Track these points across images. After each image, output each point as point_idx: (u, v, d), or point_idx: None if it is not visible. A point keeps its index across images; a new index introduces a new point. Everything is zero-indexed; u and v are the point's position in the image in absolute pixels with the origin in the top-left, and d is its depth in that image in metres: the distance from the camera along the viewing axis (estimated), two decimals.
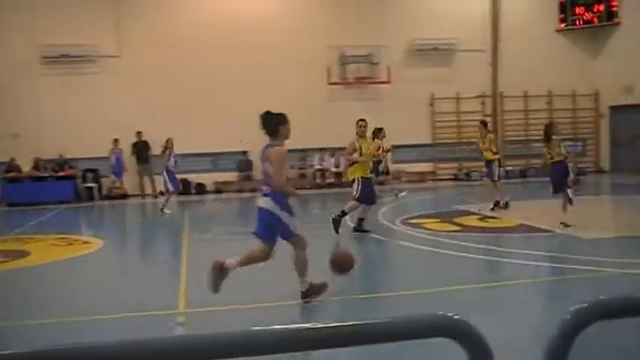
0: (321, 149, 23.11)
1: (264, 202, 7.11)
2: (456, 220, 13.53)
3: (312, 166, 23.12)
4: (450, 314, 1.83)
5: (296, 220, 7.19)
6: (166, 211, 17.09)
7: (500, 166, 15.65)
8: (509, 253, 10.28)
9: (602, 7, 24.44)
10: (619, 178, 23.23)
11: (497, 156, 15.43)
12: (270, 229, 7.09)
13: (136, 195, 21.92)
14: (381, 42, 22.71)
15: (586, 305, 1.90)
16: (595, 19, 24.74)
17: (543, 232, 11.80)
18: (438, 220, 13.84)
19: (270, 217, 7.03)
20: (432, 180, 23.07)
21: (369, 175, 12.25)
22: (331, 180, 23.02)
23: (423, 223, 13.45)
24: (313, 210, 17.07)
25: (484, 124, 16.05)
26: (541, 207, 15.43)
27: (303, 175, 23.12)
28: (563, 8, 25.03)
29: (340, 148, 23.07)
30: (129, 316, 7.09)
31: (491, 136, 15.63)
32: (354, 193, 11.96)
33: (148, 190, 21.99)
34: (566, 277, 8.58)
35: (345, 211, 12.11)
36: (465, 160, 24.02)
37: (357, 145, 11.94)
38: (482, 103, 24.26)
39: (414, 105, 23.36)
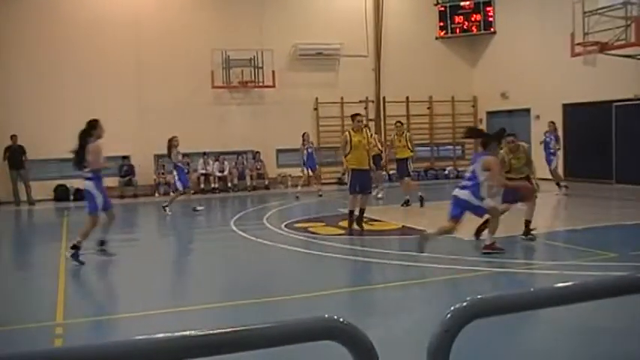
0: (205, 154, 22.78)
1: (463, 194, 9.57)
2: (342, 223, 13.65)
3: (195, 170, 22.73)
4: (335, 317, 1.83)
5: (487, 199, 9.63)
6: (168, 211, 16.51)
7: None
8: (392, 255, 10.45)
9: (479, 17, 25.43)
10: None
11: (412, 153, 16.43)
12: (463, 211, 9.59)
13: (9, 202, 20.74)
14: (265, 46, 22.70)
15: (465, 304, 1.93)
16: (473, 28, 25.69)
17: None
18: (324, 223, 13.93)
19: (467, 204, 9.54)
20: (317, 184, 23.20)
21: (364, 167, 12.80)
22: (215, 185, 22.73)
23: (309, 227, 13.50)
24: (199, 216, 16.77)
25: (401, 123, 17.02)
26: (424, 209, 15.88)
27: None
28: (442, 16, 25.84)
29: (224, 153, 22.96)
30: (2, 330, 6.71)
31: (408, 134, 16.34)
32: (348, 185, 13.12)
33: (23, 197, 20.89)
34: (448, 277, 8.79)
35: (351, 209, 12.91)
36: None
37: (349, 138, 12.70)
38: (366, 108, 24.66)
39: (299, 109, 23.48)
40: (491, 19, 25.28)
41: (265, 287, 8.67)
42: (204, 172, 22.77)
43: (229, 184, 22.77)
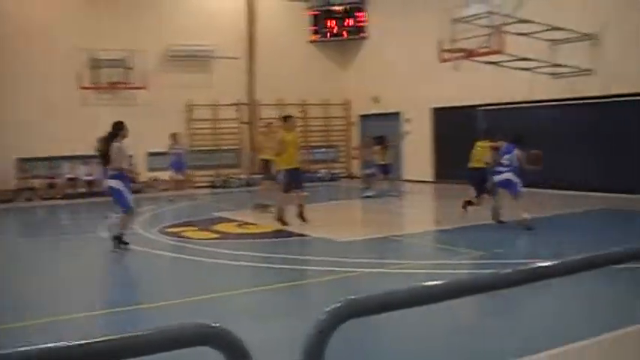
0: (73, 157, 21.89)
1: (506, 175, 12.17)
2: (215, 227, 13.50)
3: (62, 175, 21.77)
4: (209, 322, 1.79)
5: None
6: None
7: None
8: (267, 258, 10.42)
9: (351, 22, 25.91)
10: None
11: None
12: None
13: None
14: (136, 46, 22.07)
15: (338, 305, 1.95)
16: (345, 33, 26.14)
17: (299, 237, 12.16)
18: (197, 228, 13.71)
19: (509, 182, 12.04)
20: (190, 187, 22.84)
21: (297, 165, 13.42)
22: (83, 189, 21.87)
23: (182, 231, 13.25)
24: (64, 222, 16.10)
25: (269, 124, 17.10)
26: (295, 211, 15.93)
27: (52, 186, 21.61)
28: (315, 20, 26.13)
29: (93, 156, 22.11)
30: None
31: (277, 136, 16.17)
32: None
33: None
34: (323, 279, 8.86)
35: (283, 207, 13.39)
36: (222, 167, 24.19)
37: (281, 138, 13.41)
38: (238, 110, 24.55)
39: (172, 111, 23.02)
40: (362, 24, 25.82)
41: (136, 295, 8.42)
42: (71, 176, 21.86)
43: (98, 189, 21.93)
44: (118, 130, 11.29)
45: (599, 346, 5.39)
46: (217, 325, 1.79)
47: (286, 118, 14.01)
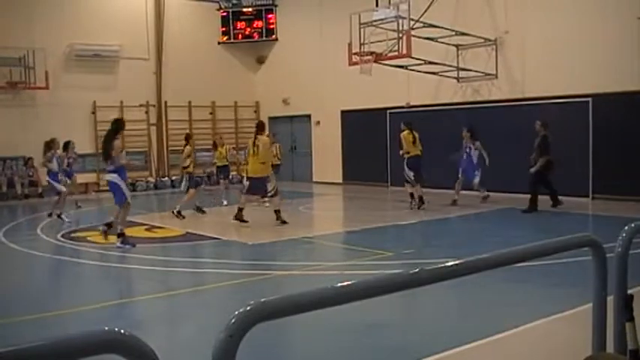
0: None
1: None
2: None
3: None
4: (116, 329, 1.74)
5: None
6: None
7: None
8: (178, 262, 10.27)
9: (261, 24, 25.85)
10: (280, 185, 24.55)
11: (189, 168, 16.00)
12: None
13: None
14: (37, 45, 21.24)
15: (249, 308, 1.94)
16: (255, 35, 26.05)
17: (210, 240, 12.04)
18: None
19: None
20: (96, 191, 22.24)
21: (256, 175, 13.51)
22: None
23: (87, 236, 12.88)
24: None
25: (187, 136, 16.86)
26: (206, 215, 15.78)
27: None
28: (225, 22, 25.93)
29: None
30: None
31: (188, 148, 15.97)
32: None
33: None
34: (233, 282, 8.79)
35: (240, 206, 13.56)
36: (129, 169, 23.59)
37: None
38: (147, 112, 24.10)
39: (75, 113, 22.29)
40: (272, 26, 25.81)
41: (39, 302, 8.11)
42: None
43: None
44: (119, 126, 11.56)
45: (494, 345, 5.57)
46: (125, 331, 1.75)
47: (258, 126, 14.35)
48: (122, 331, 1.75)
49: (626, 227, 3.42)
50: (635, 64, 15.26)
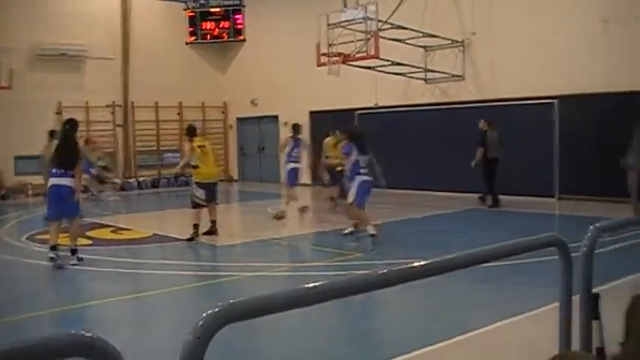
0: None
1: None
2: (88, 233, 13.01)
3: None
4: (82, 332, 1.70)
5: None
6: None
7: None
8: (145, 264, 10.18)
9: (228, 24, 25.73)
10: (248, 186, 24.61)
11: None
12: None
13: None
14: (0, 43, 20.89)
15: (217, 309, 1.94)
16: (223, 35, 25.93)
17: (177, 241, 11.94)
18: (68, 234, 13.13)
19: None
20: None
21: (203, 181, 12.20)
22: None
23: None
24: None
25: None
26: (174, 216, 15.68)
27: None
28: (192, 22, 25.76)
29: None
30: None
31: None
32: None
33: None
34: (203, 283, 8.76)
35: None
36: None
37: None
38: (113, 113, 23.85)
39: (40, 113, 21.86)
40: (240, 26, 25.72)
41: (3, 305, 7.98)
42: None
43: None
44: (76, 127, 10.54)
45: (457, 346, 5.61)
46: (92, 334, 1.72)
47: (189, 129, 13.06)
48: (88, 333, 1.72)
49: (592, 227, 3.47)
50: (599, 66, 15.50)
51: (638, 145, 10.74)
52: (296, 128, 15.25)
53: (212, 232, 12.18)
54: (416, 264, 2.61)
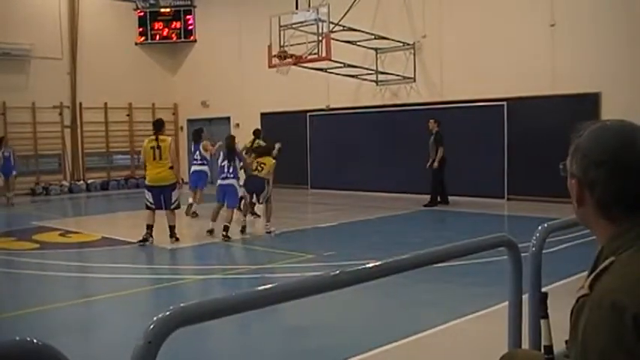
0: None
1: None
2: (35, 236, 12.73)
3: None
4: (28, 338, 1.64)
5: None
6: None
7: None
8: (94, 268, 10.02)
9: (179, 24, 25.50)
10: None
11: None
12: None
13: None
14: None
15: (168, 313, 1.92)
16: (173, 36, 25.69)
17: (126, 245, 11.76)
18: (14, 238, 12.87)
19: None
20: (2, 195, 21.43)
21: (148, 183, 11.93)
22: None
23: None
24: None
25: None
26: (124, 219, 15.47)
27: None
28: (142, 22, 25.45)
29: None
30: None
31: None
32: None
33: None
34: (153, 287, 8.65)
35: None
36: (43, 173, 22.94)
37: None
38: (61, 114, 23.41)
39: None
40: (191, 27, 25.52)
41: None
42: None
43: None
44: None
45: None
46: (38, 341, 1.66)
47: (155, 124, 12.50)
48: (35, 340, 1.66)
49: (540, 227, 3.53)
50: (547, 69, 15.80)
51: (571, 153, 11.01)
52: (197, 134, 16.27)
53: (171, 237, 11.60)
54: (368, 265, 2.61)
